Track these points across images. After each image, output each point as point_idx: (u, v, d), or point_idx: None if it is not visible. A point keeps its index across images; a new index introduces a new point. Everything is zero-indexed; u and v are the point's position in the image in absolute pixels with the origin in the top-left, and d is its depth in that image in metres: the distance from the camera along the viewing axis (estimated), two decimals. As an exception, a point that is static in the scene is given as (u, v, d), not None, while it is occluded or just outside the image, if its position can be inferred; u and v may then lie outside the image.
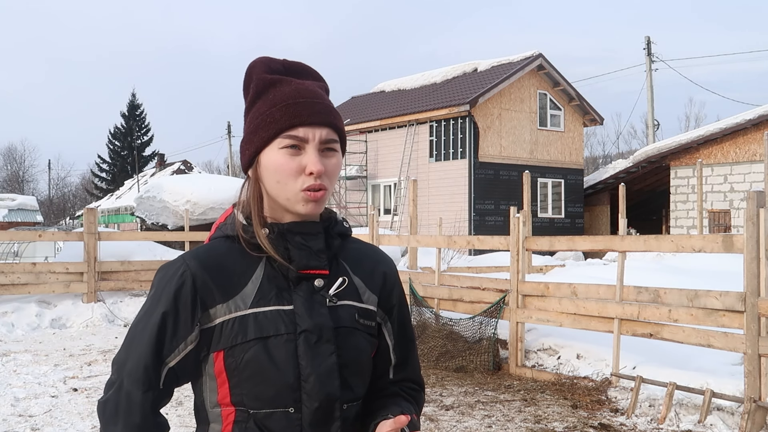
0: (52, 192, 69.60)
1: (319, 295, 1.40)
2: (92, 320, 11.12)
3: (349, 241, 1.52)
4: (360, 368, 1.42)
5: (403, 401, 1.49)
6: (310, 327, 1.36)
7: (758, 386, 5.42)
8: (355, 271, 1.47)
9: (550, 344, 7.89)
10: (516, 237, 7.91)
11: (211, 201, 16.38)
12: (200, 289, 1.36)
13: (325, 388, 1.35)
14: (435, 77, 28.20)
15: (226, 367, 1.35)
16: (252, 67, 1.44)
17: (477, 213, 23.52)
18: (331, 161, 1.39)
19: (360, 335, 1.43)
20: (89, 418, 5.97)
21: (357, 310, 1.44)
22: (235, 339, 1.34)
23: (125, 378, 1.35)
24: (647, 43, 31.01)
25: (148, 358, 1.34)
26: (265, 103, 1.39)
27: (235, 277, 1.38)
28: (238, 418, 1.36)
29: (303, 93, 1.39)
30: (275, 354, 1.34)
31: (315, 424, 1.35)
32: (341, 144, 1.43)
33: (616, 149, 58.94)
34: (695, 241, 6.10)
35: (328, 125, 1.39)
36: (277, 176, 1.37)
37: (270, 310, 1.36)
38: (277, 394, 1.34)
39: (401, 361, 1.53)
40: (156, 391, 1.35)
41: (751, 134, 20.83)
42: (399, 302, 1.54)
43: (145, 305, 1.40)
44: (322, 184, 1.37)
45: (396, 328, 1.53)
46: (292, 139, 1.36)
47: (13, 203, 32.29)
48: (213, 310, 1.36)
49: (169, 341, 1.35)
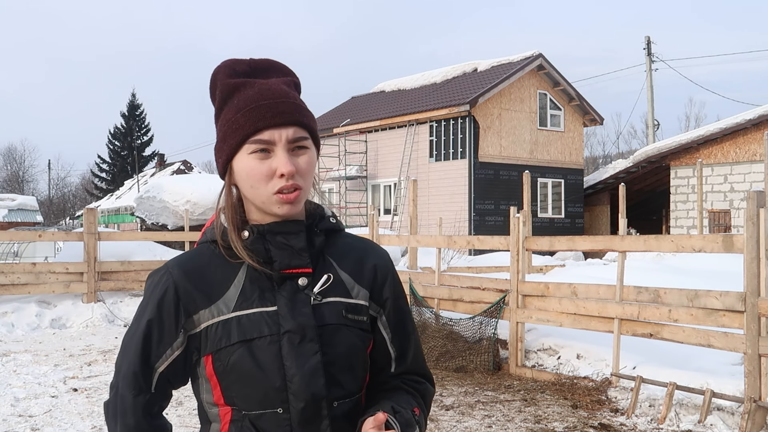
0: (52, 192, 69.64)
1: (302, 294, 1.40)
2: (92, 320, 11.11)
3: (338, 237, 1.51)
4: (349, 364, 1.41)
5: (402, 395, 1.48)
6: (293, 327, 1.36)
7: (758, 386, 5.42)
8: (343, 267, 1.47)
9: (550, 344, 7.89)
10: (516, 237, 7.90)
11: (211, 201, 16.38)
12: (183, 296, 1.38)
13: (309, 387, 1.35)
14: (435, 77, 28.20)
15: (215, 371, 1.37)
16: (216, 73, 1.44)
17: (477, 213, 23.52)
18: (302, 159, 1.38)
19: (348, 331, 1.42)
20: (89, 418, 5.97)
21: (344, 306, 1.43)
22: (219, 343, 1.36)
23: (120, 381, 1.40)
24: (647, 43, 31.02)
25: (137, 364, 1.39)
26: (231, 109, 1.39)
27: (217, 281, 1.39)
28: (234, 417, 1.38)
29: (266, 94, 1.38)
30: (259, 356, 1.35)
31: (303, 424, 1.35)
32: (314, 140, 1.42)
33: (616, 149, 58.99)
34: (695, 241, 6.10)
35: (294, 123, 1.38)
36: (249, 181, 1.37)
37: (253, 312, 1.37)
38: (265, 396, 1.35)
39: (401, 354, 1.52)
40: (147, 395, 1.39)
41: (751, 134, 20.83)
42: (394, 294, 1.52)
43: (136, 312, 1.44)
44: (296, 184, 1.36)
45: (392, 321, 1.51)
46: (259, 143, 1.36)
47: (13, 203, 32.29)
48: (197, 315, 1.38)
49: (156, 347, 1.39)
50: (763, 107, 20.62)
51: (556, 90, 25.78)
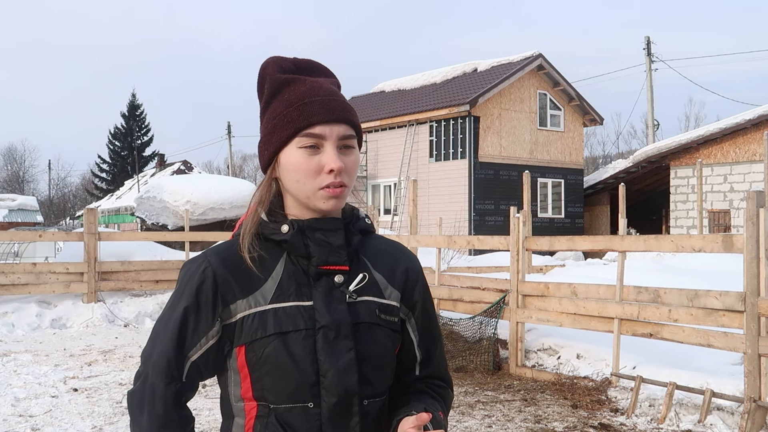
0: (52, 192, 69.65)
1: (338, 291, 1.41)
2: (92, 320, 11.11)
3: (371, 238, 1.52)
4: (380, 363, 1.42)
5: (429, 398, 1.49)
6: (328, 323, 1.37)
7: (758, 386, 5.42)
8: (377, 267, 1.48)
9: (550, 344, 7.89)
10: (516, 237, 7.91)
11: (211, 201, 16.37)
12: (221, 285, 1.39)
13: (343, 383, 1.35)
14: (435, 77, 28.20)
15: (247, 362, 1.37)
16: (265, 67, 1.45)
17: (477, 213, 23.52)
18: (349, 158, 1.40)
19: (381, 330, 1.43)
20: (89, 418, 5.97)
21: (378, 306, 1.45)
22: (255, 334, 1.36)
23: (150, 370, 1.39)
24: (647, 43, 31.02)
25: (170, 352, 1.38)
26: (281, 103, 1.40)
27: (255, 273, 1.40)
28: (260, 413, 1.38)
29: (318, 91, 1.40)
30: (294, 349, 1.35)
31: (334, 419, 1.36)
32: (358, 139, 1.44)
33: (616, 149, 59.01)
34: (695, 241, 6.11)
35: (345, 122, 1.40)
36: (296, 175, 1.38)
37: (289, 305, 1.38)
38: (296, 389, 1.35)
39: (426, 358, 1.53)
40: (178, 384, 1.39)
41: (751, 134, 20.83)
42: (423, 298, 1.53)
43: (169, 300, 1.43)
44: (342, 181, 1.38)
45: (420, 324, 1.52)
46: (310, 137, 1.37)
47: (14, 203, 32.29)
48: (234, 305, 1.39)
49: (191, 335, 1.39)
50: (762, 107, 20.62)
51: (556, 90, 25.78)
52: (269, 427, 1.36)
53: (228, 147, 52.96)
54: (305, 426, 1.35)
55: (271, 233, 1.41)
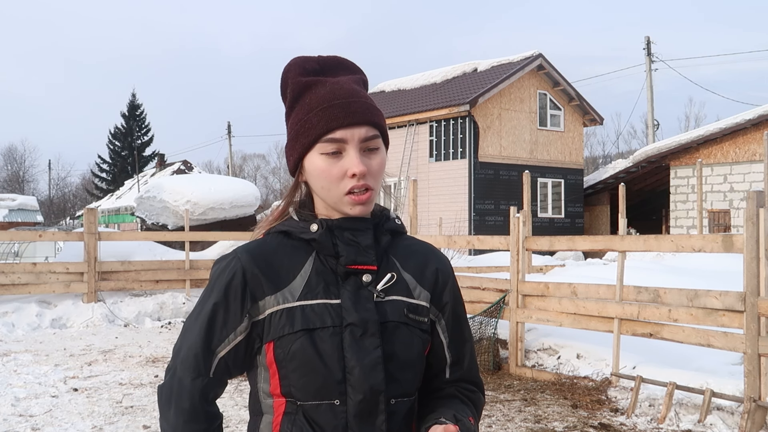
0: (52, 192, 69.65)
1: (366, 290, 1.41)
2: (92, 320, 11.12)
3: (402, 238, 1.52)
4: (408, 363, 1.41)
5: (459, 403, 1.48)
6: (355, 320, 1.37)
7: (758, 386, 5.42)
8: (406, 268, 1.48)
9: (550, 344, 7.89)
10: (516, 237, 7.91)
11: (211, 201, 16.37)
12: (250, 281, 1.40)
13: (368, 380, 1.35)
14: (435, 77, 28.20)
15: (275, 358, 1.38)
16: (287, 71, 1.45)
17: (477, 213, 23.52)
18: (374, 160, 1.40)
19: (409, 330, 1.43)
20: (89, 418, 5.97)
21: (406, 306, 1.44)
22: (282, 330, 1.37)
23: (178, 365, 1.41)
24: (647, 44, 31.02)
25: (198, 347, 1.40)
26: (303, 108, 1.41)
27: (284, 270, 1.41)
28: (288, 409, 1.38)
29: (338, 94, 1.40)
30: (321, 346, 1.36)
31: (360, 417, 1.36)
32: (384, 138, 1.44)
33: (616, 149, 58.97)
34: (695, 241, 6.11)
35: (366, 123, 1.39)
36: (321, 182, 1.39)
37: (317, 303, 1.39)
38: (323, 386, 1.36)
39: (457, 360, 1.52)
40: (205, 379, 1.40)
41: (750, 134, 20.84)
42: (453, 300, 1.53)
43: (200, 296, 1.45)
44: (367, 184, 1.38)
45: (450, 325, 1.52)
46: (331, 143, 1.37)
47: (14, 203, 32.26)
48: (262, 301, 1.40)
49: (219, 331, 1.40)
50: (762, 107, 20.62)
51: (556, 90, 25.79)
52: (296, 424, 1.37)
53: (228, 147, 52.97)
54: (332, 423, 1.36)
55: (301, 232, 1.42)
